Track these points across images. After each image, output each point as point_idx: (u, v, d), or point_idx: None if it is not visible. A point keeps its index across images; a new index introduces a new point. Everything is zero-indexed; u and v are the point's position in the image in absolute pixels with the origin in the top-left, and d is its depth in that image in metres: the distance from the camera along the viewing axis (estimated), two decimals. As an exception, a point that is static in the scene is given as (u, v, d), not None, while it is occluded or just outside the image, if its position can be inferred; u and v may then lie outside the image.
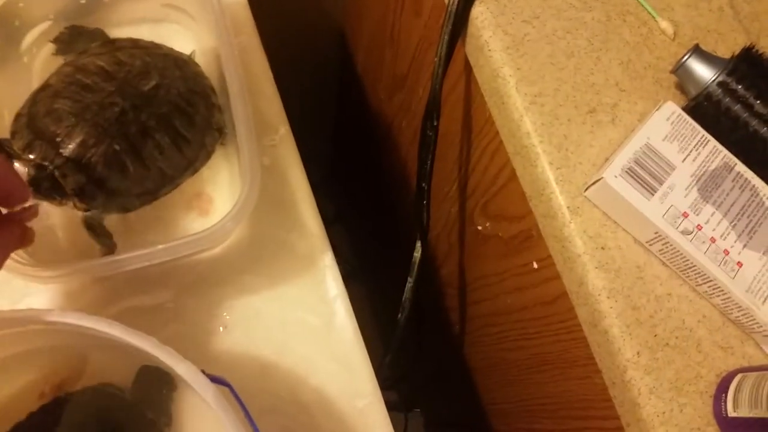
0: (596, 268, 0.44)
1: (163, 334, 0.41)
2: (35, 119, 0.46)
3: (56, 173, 0.45)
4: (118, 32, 0.54)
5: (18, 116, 0.47)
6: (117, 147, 0.46)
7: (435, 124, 0.54)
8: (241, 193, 0.44)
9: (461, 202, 0.67)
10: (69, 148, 0.45)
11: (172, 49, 0.53)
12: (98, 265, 0.43)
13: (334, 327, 0.53)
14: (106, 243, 0.48)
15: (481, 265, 0.67)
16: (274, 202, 0.55)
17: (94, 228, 0.47)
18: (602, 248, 0.45)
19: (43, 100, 0.47)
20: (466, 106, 0.59)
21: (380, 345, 0.76)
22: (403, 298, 0.63)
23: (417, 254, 0.62)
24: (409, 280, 0.63)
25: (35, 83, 0.51)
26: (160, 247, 0.44)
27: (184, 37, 0.54)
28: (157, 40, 0.54)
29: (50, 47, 0.53)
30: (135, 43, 0.52)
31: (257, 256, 0.54)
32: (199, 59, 0.54)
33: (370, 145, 0.98)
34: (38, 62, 0.53)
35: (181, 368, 0.37)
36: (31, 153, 0.45)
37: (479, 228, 0.64)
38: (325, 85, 1.08)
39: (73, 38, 0.53)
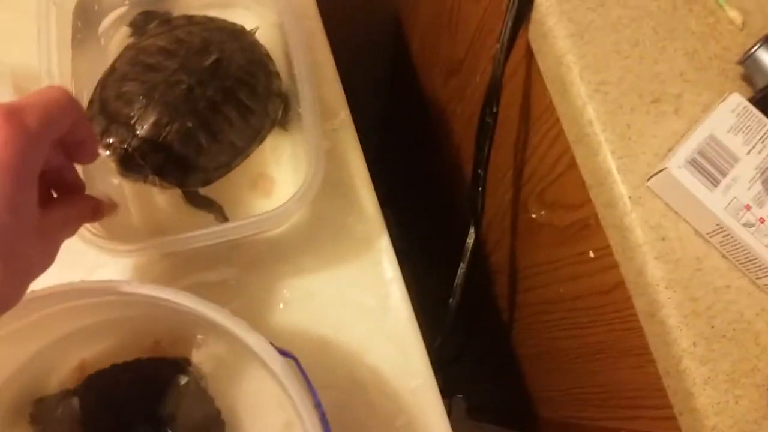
0: (656, 258, 0.44)
1: (227, 308, 0.43)
2: (107, 103, 0.49)
3: (136, 154, 0.47)
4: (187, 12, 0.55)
5: (90, 102, 0.49)
6: (189, 124, 0.48)
7: (495, 110, 0.54)
8: (306, 177, 0.46)
9: (516, 189, 0.68)
10: (144, 129, 0.47)
11: (225, 21, 0.54)
12: (170, 241, 0.45)
13: (389, 308, 0.54)
14: (217, 211, 0.50)
15: (534, 254, 0.68)
16: (333, 186, 0.56)
17: (197, 201, 0.49)
18: (663, 239, 0.45)
19: (111, 84, 0.49)
20: (526, 92, 0.59)
21: (427, 328, 0.77)
22: (455, 284, 0.64)
23: (470, 240, 0.63)
24: (462, 265, 0.64)
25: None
26: (228, 225, 0.46)
27: (251, 21, 0.56)
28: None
29: (125, 31, 0.56)
30: (190, 20, 0.54)
31: (316, 238, 0.55)
32: (265, 41, 0.56)
33: (422, 130, 0.99)
34: (113, 44, 0.55)
35: (251, 339, 0.39)
36: (108, 137, 0.47)
37: (533, 216, 0.65)
38: (378, 69, 1.09)
39: (147, 22, 0.55)
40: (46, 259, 0.36)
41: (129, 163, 0.48)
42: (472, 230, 0.62)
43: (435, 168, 0.96)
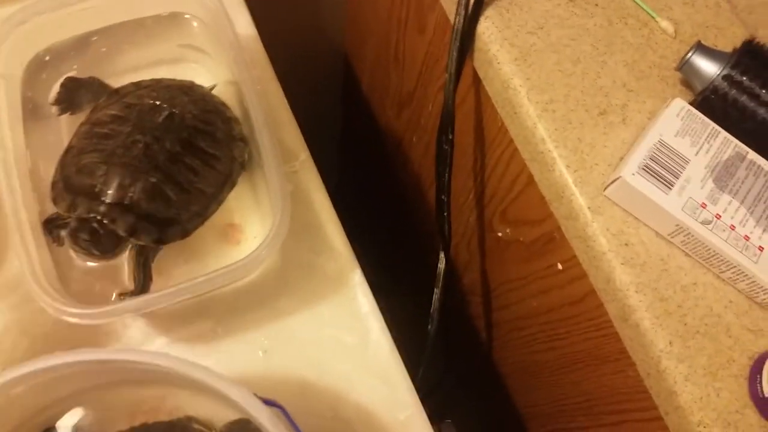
0: (622, 264, 0.46)
1: (205, 363, 0.42)
2: (69, 180, 0.48)
3: (105, 221, 0.46)
4: (139, 76, 0.56)
5: (54, 184, 0.49)
6: (153, 179, 0.48)
7: (450, 137, 0.56)
8: (273, 222, 0.46)
9: (479, 210, 0.69)
10: (109, 194, 0.47)
11: (173, 79, 0.55)
12: (143, 301, 0.44)
13: (369, 343, 0.54)
14: (145, 282, 0.49)
15: (504, 271, 0.69)
16: (301, 227, 0.57)
17: (145, 263, 0.49)
18: (626, 245, 0.46)
19: (70, 161, 0.49)
20: (477, 117, 0.60)
21: (407, 357, 0.77)
22: (432, 309, 0.65)
23: (441, 265, 0.63)
24: (436, 291, 0.64)
25: (65, 135, 0.53)
26: (201, 278, 0.45)
27: (202, 75, 0.56)
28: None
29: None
30: (138, 85, 0.54)
31: (289, 280, 0.55)
32: (221, 95, 0.56)
33: (380, 163, 1.00)
34: (66, 116, 0.55)
35: (235, 392, 0.38)
36: (75, 211, 0.47)
37: (499, 234, 0.66)
38: (330, 109, 1.10)
39: (72, 92, 0.55)
40: None
41: (97, 241, 0.47)
42: (442, 255, 0.62)
43: (397, 198, 0.97)
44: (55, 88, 0.53)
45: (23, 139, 0.48)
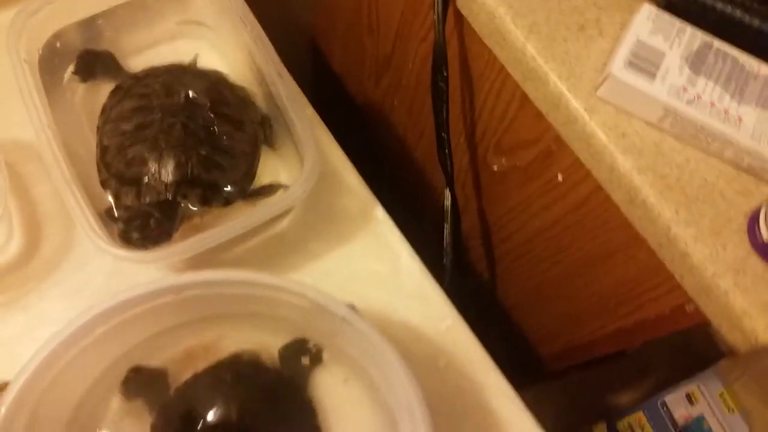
0: (622, 153, 0.51)
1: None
2: (123, 175, 0.51)
3: (178, 198, 0.49)
4: (139, 55, 0.58)
5: (105, 182, 0.52)
6: (203, 152, 0.51)
7: (445, 74, 0.60)
8: (307, 158, 0.50)
9: (471, 150, 0.74)
10: (171, 174, 0.50)
11: (164, 64, 0.59)
12: (199, 240, 0.47)
13: (401, 268, 0.58)
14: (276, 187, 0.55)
15: (503, 202, 0.74)
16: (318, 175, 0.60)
17: (258, 194, 0.54)
18: (623, 135, 0.52)
19: (113, 159, 0.52)
20: (462, 58, 0.65)
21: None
22: (444, 245, 0.69)
23: (447, 202, 0.68)
24: (446, 226, 0.69)
25: (82, 116, 0.56)
26: (250, 214, 0.48)
27: (203, 49, 0.60)
28: (177, 55, 0.60)
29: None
30: (136, 77, 0.58)
31: (317, 225, 0.59)
32: (221, 64, 0.59)
33: (360, 136, 1.04)
34: (78, 96, 0.57)
35: (311, 293, 0.42)
36: (143, 198, 0.49)
37: (495, 168, 0.71)
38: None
39: (90, 63, 0.58)
40: None
41: (148, 235, 0.50)
42: (447, 192, 0.67)
43: (388, 164, 1.01)
44: (70, 69, 0.56)
45: (53, 121, 0.50)
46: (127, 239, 0.49)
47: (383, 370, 0.45)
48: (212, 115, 0.53)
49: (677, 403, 1.23)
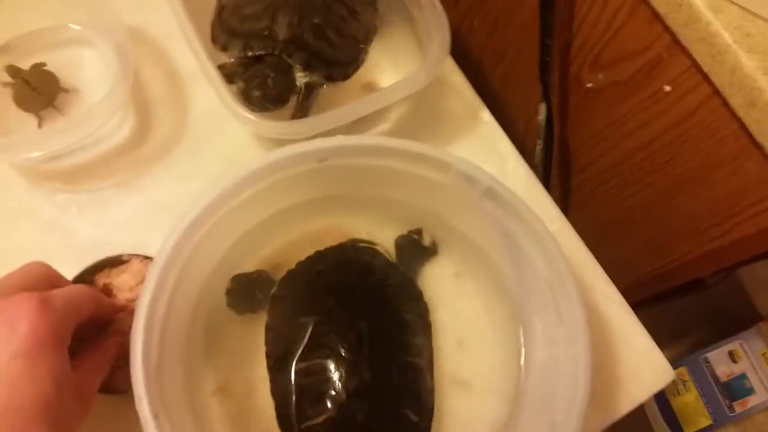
0: (747, 52, 0.50)
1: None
2: (234, 29, 0.51)
3: (283, 56, 0.49)
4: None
5: (215, 37, 0.52)
6: (317, 20, 0.51)
7: (556, -25, 0.59)
8: (435, 34, 0.49)
9: (562, 70, 0.73)
10: (282, 33, 0.50)
11: None
12: (336, 114, 0.47)
13: (508, 172, 0.58)
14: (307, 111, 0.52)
15: (592, 124, 0.73)
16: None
17: (311, 91, 0.51)
18: (747, 35, 0.51)
19: (228, 17, 0.52)
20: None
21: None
22: (536, 161, 0.69)
23: (541, 117, 0.67)
24: (539, 142, 0.68)
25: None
26: (382, 90, 0.48)
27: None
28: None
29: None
30: None
31: (422, 123, 0.58)
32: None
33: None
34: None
35: (457, 162, 0.42)
36: (251, 50, 0.49)
37: (588, 86, 0.70)
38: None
39: None
40: (84, 413, 0.39)
41: (268, 94, 0.50)
42: (543, 106, 0.66)
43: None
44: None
45: None
46: (248, 98, 0.49)
47: (526, 245, 0.44)
48: None
49: (720, 360, 1.24)
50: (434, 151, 0.43)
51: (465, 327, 0.52)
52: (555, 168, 0.83)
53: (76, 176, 0.54)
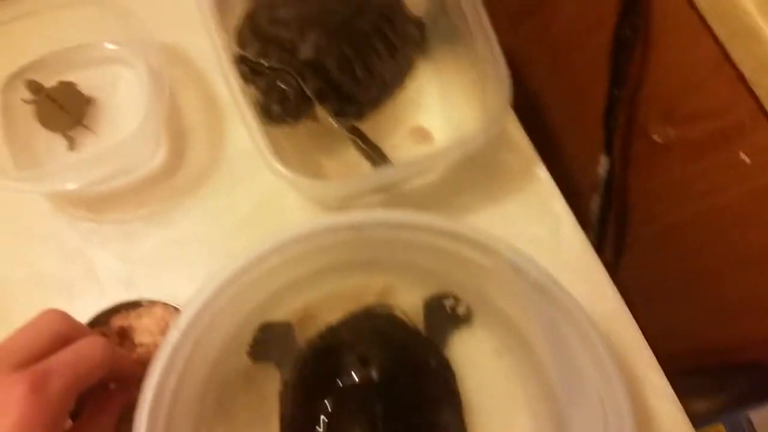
0: None
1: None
2: (260, 28, 0.48)
3: (297, 77, 0.45)
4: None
5: (240, 30, 0.48)
6: (347, 51, 0.47)
7: (635, 21, 0.54)
8: (497, 86, 0.44)
9: (627, 115, 0.67)
10: (305, 52, 0.46)
11: None
12: (377, 176, 0.43)
13: (561, 238, 0.53)
14: (380, 156, 0.49)
15: (657, 179, 0.67)
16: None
17: (362, 138, 0.48)
18: None
19: (261, 13, 0.49)
20: (647, 5, 0.58)
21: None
22: (592, 218, 0.63)
23: (601, 170, 0.62)
24: (595, 197, 0.63)
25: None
26: (436, 150, 0.44)
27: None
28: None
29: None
30: None
31: (476, 178, 0.54)
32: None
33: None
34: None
35: (502, 246, 0.37)
36: (266, 58, 0.46)
37: (655, 137, 0.64)
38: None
39: None
40: None
41: (275, 101, 0.46)
42: (604, 159, 0.61)
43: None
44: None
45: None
46: (267, 112, 0.46)
47: (576, 348, 0.40)
48: (376, 27, 0.49)
49: (765, 421, 1.16)
50: (481, 236, 0.39)
51: (498, 406, 0.47)
52: (611, 222, 0.77)
53: (102, 205, 0.51)
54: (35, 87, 0.51)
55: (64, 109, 0.51)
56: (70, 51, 0.53)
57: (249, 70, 0.47)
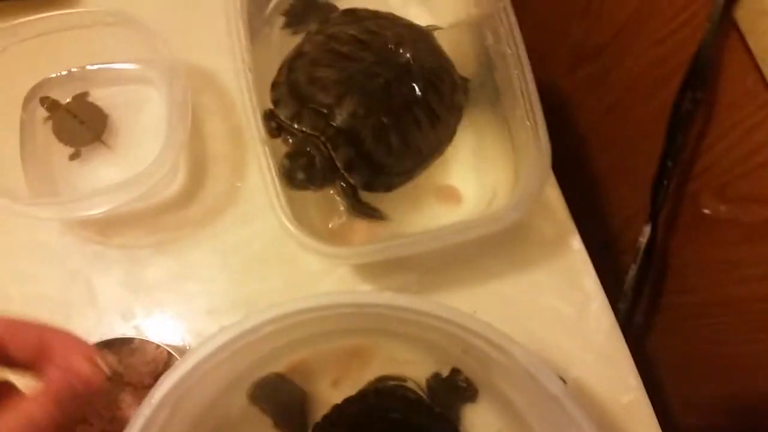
0: None
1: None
2: (298, 86, 0.44)
3: (328, 145, 0.42)
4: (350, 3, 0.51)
5: (276, 84, 0.45)
6: (385, 120, 0.43)
7: (698, 95, 0.50)
8: (536, 172, 0.41)
9: (680, 182, 0.63)
10: (340, 119, 0.43)
11: (411, 21, 0.50)
12: (394, 245, 0.40)
13: (589, 316, 0.49)
14: (379, 216, 0.46)
15: (700, 252, 0.63)
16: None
17: (362, 209, 0.45)
18: None
19: (301, 67, 0.45)
20: (715, 75, 0.54)
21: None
22: (625, 287, 0.59)
23: (643, 239, 0.58)
24: (633, 266, 0.59)
25: (276, 53, 0.49)
26: (463, 224, 0.41)
27: (425, 13, 0.52)
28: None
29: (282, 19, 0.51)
30: (375, 14, 0.50)
31: (501, 241, 0.50)
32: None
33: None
34: (275, 32, 0.51)
35: (518, 351, 0.34)
36: (299, 122, 0.43)
37: (705, 211, 0.60)
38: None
39: (306, 11, 0.51)
40: None
41: (301, 166, 0.43)
42: (647, 228, 0.57)
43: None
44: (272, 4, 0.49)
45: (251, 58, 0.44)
46: (290, 178, 0.43)
47: None
48: (420, 95, 0.45)
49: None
50: (496, 335, 0.36)
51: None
52: (652, 270, 0.73)
53: (110, 229, 0.49)
54: (50, 103, 0.49)
55: (86, 125, 0.49)
56: (93, 69, 0.52)
57: (277, 126, 0.44)
